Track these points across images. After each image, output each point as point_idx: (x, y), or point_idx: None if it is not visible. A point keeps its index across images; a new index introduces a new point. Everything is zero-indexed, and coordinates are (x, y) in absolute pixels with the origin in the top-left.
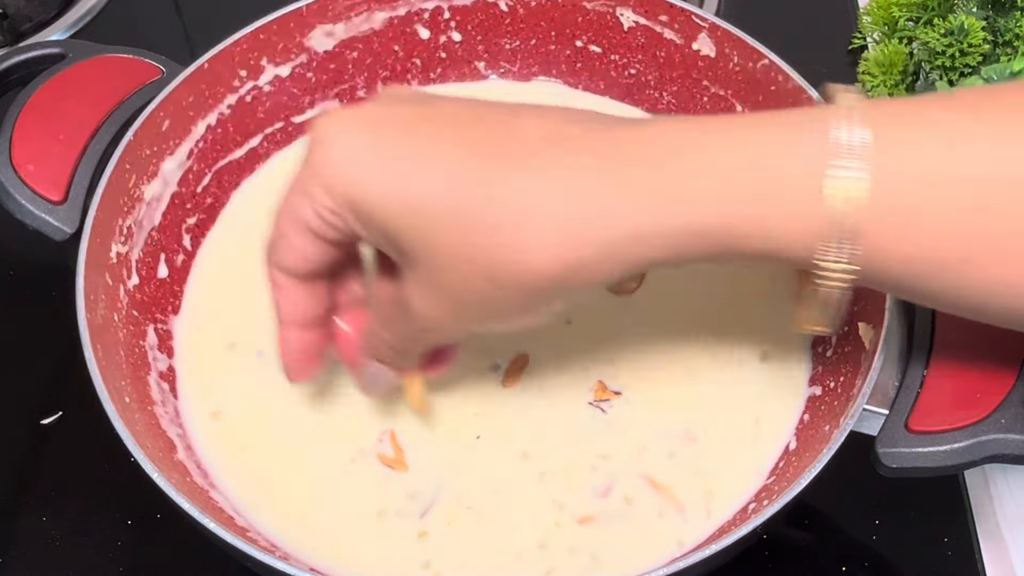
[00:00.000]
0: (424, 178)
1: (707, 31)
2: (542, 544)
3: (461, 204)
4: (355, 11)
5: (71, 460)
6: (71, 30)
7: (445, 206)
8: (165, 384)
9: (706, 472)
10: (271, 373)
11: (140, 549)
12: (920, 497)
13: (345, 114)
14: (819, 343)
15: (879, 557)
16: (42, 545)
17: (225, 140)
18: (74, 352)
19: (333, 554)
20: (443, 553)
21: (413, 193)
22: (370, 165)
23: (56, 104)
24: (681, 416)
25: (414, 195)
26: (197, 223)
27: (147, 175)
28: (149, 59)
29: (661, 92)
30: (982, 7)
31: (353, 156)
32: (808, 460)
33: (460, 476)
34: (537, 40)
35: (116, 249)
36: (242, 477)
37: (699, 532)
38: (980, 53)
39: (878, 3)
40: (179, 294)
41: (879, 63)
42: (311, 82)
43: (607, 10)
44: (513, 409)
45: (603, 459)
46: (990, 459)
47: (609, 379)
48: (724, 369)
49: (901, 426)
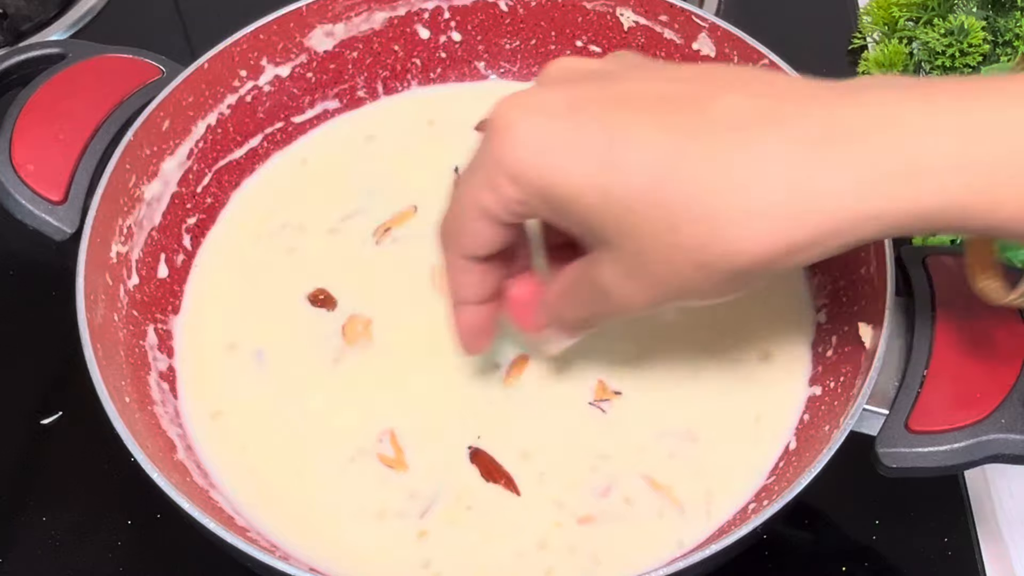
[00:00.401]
0: (626, 167)
1: (707, 31)
2: (542, 544)
3: (668, 194)
4: (355, 11)
5: (71, 460)
6: (71, 30)
7: (652, 196)
8: (165, 384)
9: (706, 472)
10: (271, 373)
11: (140, 549)
12: (920, 497)
13: (526, 98)
14: (819, 343)
15: (879, 557)
16: (42, 545)
17: (225, 140)
18: (74, 352)
19: (333, 554)
20: (443, 553)
21: (617, 183)
22: (564, 154)
23: (56, 104)
24: (681, 416)
25: (618, 185)
26: (197, 223)
27: (147, 175)
28: (149, 59)
29: None
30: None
31: (543, 144)
32: (808, 460)
33: (460, 476)
34: (537, 40)
35: (116, 249)
36: (242, 477)
37: (699, 532)
38: (980, 53)
39: (878, 3)
40: (179, 294)
41: (879, 63)
42: (311, 82)
43: (607, 10)
44: (513, 409)
45: (603, 459)
46: (990, 459)
47: (609, 379)
48: (724, 369)
49: (901, 426)
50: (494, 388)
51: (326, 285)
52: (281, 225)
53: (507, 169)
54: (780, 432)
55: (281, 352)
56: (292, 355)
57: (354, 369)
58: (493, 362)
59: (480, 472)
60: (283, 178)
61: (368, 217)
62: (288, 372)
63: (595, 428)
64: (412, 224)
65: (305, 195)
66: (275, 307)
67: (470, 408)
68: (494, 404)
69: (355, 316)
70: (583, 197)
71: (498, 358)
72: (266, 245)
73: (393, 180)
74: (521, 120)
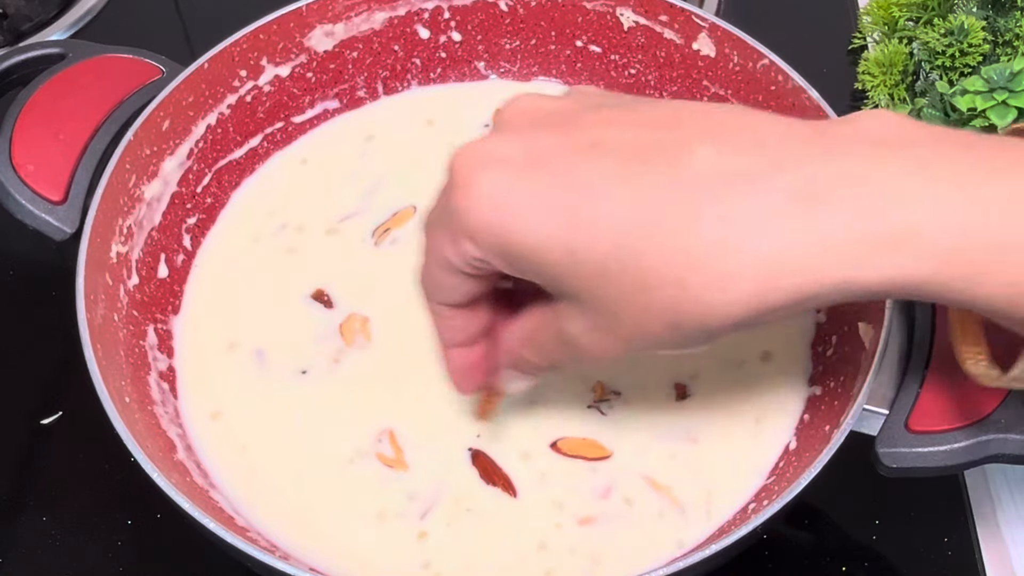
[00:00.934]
0: (594, 228)
1: (707, 31)
2: (542, 545)
3: (636, 256)
4: (355, 11)
5: (71, 460)
6: (71, 30)
7: (622, 258)
8: (165, 384)
9: (706, 472)
10: (271, 373)
11: (140, 549)
12: (920, 497)
13: (485, 150)
14: (819, 343)
15: (879, 557)
16: (42, 545)
17: (225, 140)
18: (74, 352)
19: (333, 554)
20: (443, 554)
21: (584, 243)
22: (527, 211)
23: (56, 104)
24: (681, 416)
25: (585, 245)
26: (197, 223)
27: (147, 175)
28: (149, 59)
29: (661, 92)
30: (982, 7)
31: (503, 201)
32: (808, 460)
33: (460, 477)
34: (537, 40)
35: (116, 249)
36: (242, 477)
37: (699, 532)
38: (980, 53)
39: (878, 3)
40: (179, 294)
41: (879, 63)
42: (311, 82)
43: (607, 10)
44: (513, 409)
45: (603, 460)
46: (990, 459)
47: (609, 379)
48: (724, 369)
49: (901, 426)
50: None
51: (326, 285)
52: (281, 225)
53: (464, 227)
54: (780, 432)
55: (281, 352)
56: (292, 355)
57: (354, 369)
58: None
59: (479, 474)
60: (283, 178)
61: (367, 217)
62: (288, 372)
63: (595, 429)
64: (412, 224)
65: (305, 195)
66: (275, 307)
67: (470, 408)
68: None
69: (354, 315)
70: (548, 255)
71: None
72: (266, 245)
73: (393, 180)
74: (479, 175)
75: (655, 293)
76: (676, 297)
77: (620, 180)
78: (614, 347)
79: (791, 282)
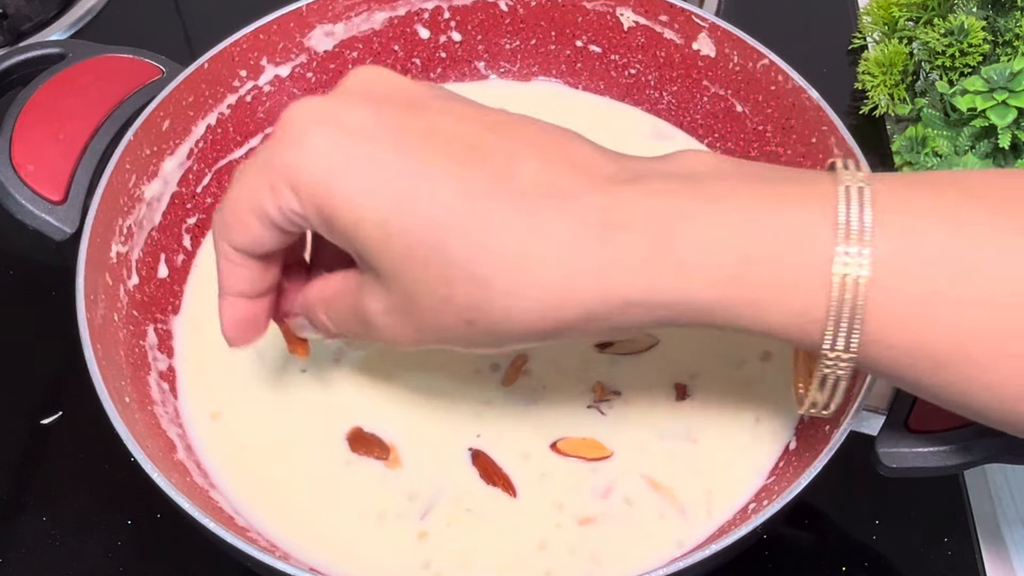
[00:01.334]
0: (416, 213)
1: (707, 31)
2: (542, 545)
3: (451, 251)
4: (355, 11)
5: (71, 460)
6: (71, 30)
7: (434, 248)
8: (165, 384)
9: (706, 472)
10: (271, 373)
11: (140, 549)
12: (920, 497)
13: (326, 108)
14: None
15: (879, 557)
16: (42, 545)
17: (225, 140)
18: (74, 352)
19: (333, 554)
20: (443, 554)
21: (402, 226)
22: (354, 179)
23: (56, 104)
24: (681, 416)
25: (402, 228)
26: (197, 223)
27: (147, 175)
28: (149, 59)
29: (661, 92)
30: (982, 7)
31: (334, 163)
32: (808, 460)
33: (460, 477)
34: (537, 40)
35: (116, 249)
36: (242, 477)
37: (699, 532)
38: (980, 53)
39: (878, 3)
40: (179, 294)
41: (879, 63)
42: (311, 82)
43: (607, 10)
44: (513, 409)
45: (603, 460)
46: (990, 459)
47: (609, 380)
48: (724, 369)
49: (901, 426)
50: (493, 389)
51: None
52: None
53: (290, 178)
54: (780, 432)
55: (281, 352)
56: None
57: (354, 369)
58: (493, 362)
59: (479, 474)
60: None
61: None
62: (288, 372)
63: (595, 429)
64: None
65: None
66: None
67: (470, 408)
68: (493, 405)
69: None
70: (364, 228)
71: (498, 358)
72: None
73: None
74: (316, 131)
75: (457, 287)
76: (476, 296)
77: (447, 173)
78: (406, 333)
79: (583, 297)
